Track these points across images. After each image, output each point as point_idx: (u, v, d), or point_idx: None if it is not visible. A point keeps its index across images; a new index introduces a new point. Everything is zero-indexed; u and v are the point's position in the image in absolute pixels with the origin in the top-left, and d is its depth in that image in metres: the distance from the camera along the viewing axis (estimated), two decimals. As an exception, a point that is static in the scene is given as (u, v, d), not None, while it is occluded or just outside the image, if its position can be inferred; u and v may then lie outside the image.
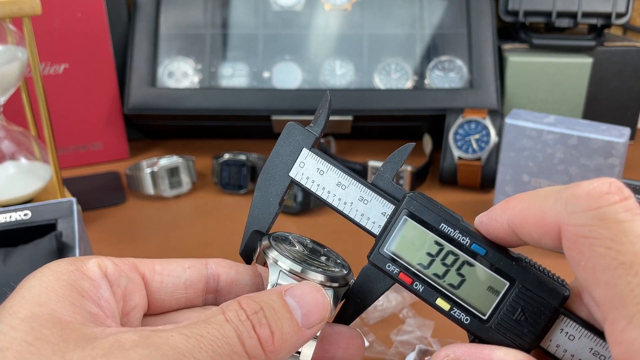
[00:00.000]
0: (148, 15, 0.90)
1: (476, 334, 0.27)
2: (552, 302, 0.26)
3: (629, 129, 0.62)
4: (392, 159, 0.30)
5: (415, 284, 0.28)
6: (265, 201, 0.31)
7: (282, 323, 0.24)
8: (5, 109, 0.69)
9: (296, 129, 0.31)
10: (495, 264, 0.27)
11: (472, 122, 0.79)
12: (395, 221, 0.28)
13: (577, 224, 0.22)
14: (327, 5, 0.91)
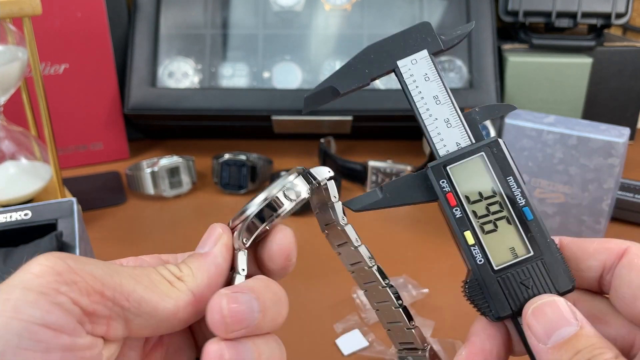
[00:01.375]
0: (148, 15, 0.90)
1: (480, 276, 0.28)
2: (558, 287, 0.27)
3: (628, 129, 0.62)
4: (491, 108, 0.30)
5: (456, 209, 0.29)
6: (360, 70, 0.30)
7: (185, 261, 0.28)
8: (6, 109, 0.69)
9: (429, 29, 0.30)
10: (533, 233, 0.28)
11: (472, 122, 0.79)
12: (471, 152, 0.29)
13: None
14: (327, 5, 0.91)
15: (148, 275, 0.26)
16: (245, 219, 0.28)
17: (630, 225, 0.71)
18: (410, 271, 0.59)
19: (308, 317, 0.55)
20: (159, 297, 0.26)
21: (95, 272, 0.25)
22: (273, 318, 0.27)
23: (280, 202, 0.28)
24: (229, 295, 0.25)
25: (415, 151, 0.90)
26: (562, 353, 0.25)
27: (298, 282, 0.59)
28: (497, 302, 0.28)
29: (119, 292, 0.25)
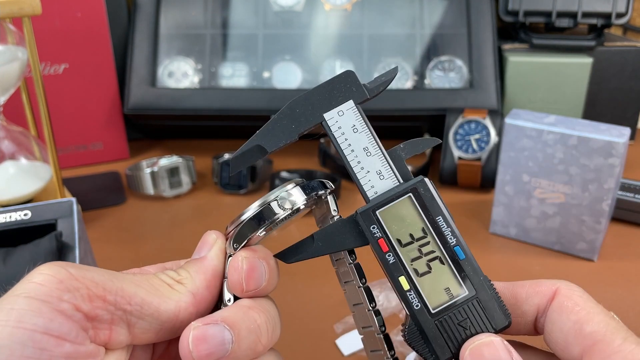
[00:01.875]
0: (148, 15, 0.90)
1: (418, 322, 0.28)
2: (494, 325, 0.28)
3: (629, 129, 0.62)
4: (415, 144, 0.31)
5: (389, 255, 0.28)
6: (286, 126, 0.29)
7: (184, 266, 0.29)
8: (5, 109, 0.69)
9: (353, 79, 0.30)
10: (466, 272, 0.28)
11: (472, 122, 0.79)
12: (398, 194, 0.29)
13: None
14: (327, 5, 0.91)
15: (148, 280, 0.27)
16: (238, 225, 0.28)
17: (630, 225, 0.71)
18: (410, 271, 0.59)
19: (308, 317, 0.55)
20: (160, 299, 0.26)
21: (96, 278, 0.25)
22: (250, 346, 0.27)
23: (273, 211, 0.28)
24: (198, 327, 0.26)
25: (415, 151, 0.90)
26: None
27: (298, 282, 0.59)
28: (437, 347, 0.28)
29: (121, 296, 0.25)
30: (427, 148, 0.31)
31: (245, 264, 0.28)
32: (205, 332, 0.26)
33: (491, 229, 0.69)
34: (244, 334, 0.26)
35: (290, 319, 0.54)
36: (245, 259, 0.28)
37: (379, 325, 0.29)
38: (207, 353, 0.25)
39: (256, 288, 0.28)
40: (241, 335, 0.26)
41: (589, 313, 0.26)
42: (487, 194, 0.79)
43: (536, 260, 0.64)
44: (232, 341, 0.26)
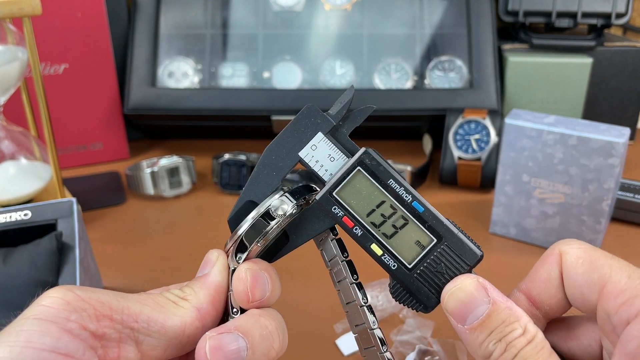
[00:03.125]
0: (148, 15, 0.90)
1: (399, 280, 0.30)
2: (468, 262, 0.29)
3: (628, 129, 0.62)
4: (353, 117, 0.32)
5: (355, 228, 0.30)
6: (268, 174, 0.31)
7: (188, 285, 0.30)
8: (5, 109, 0.69)
9: (316, 112, 0.31)
10: (429, 222, 0.29)
11: (472, 122, 0.79)
12: (348, 171, 0.30)
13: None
14: (327, 5, 0.91)
15: (153, 299, 0.28)
16: (237, 239, 0.29)
17: (630, 225, 0.71)
18: (410, 271, 0.59)
19: (308, 317, 0.55)
20: (166, 316, 0.27)
21: (102, 298, 0.26)
22: (264, 352, 0.28)
23: (268, 220, 0.29)
24: (214, 337, 0.27)
25: (415, 151, 0.90)
26: (478, 334, 0.27)
27: (298, 282, 0.59)
28: (423, 297, 0.29)
29: (127, 315, 0.26)
30: (364, 118, 0.32)
31: (249, 275, 0.29)
32: (220, 341, 0.27)
33: (491, 229, 0.69)
34: (258, 340, 0.27)
35: (290, 319, 0.54)
36: (249, 270, 0.29)
37: (371, 321, 0.30)
38: (227, 359, 0.26)
39: (261, 298, 0.29)
40: (255, 342, 0.27)
41: (592, 262, 0.27)
42: (487, 194, 0.79)
43: (536, 260, 0.64)
44: (246, 348, 0.27)
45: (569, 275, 0.28)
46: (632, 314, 0.25)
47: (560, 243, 0.29)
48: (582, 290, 0.27)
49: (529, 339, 0.26)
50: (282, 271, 0.65)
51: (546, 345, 0.26)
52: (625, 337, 0.25)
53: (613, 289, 0.26)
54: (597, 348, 0.29)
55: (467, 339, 0.27)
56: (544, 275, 0.29)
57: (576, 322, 0.30)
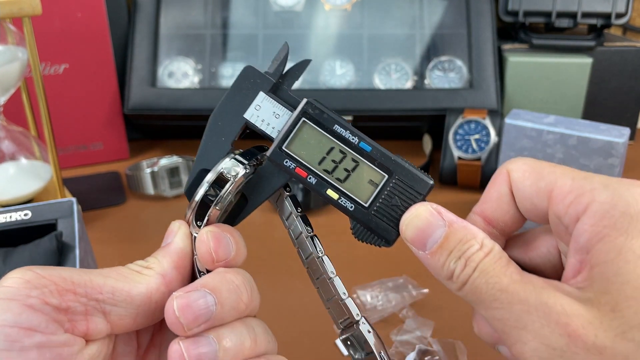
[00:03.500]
0: (148, 15, 0.90)
1: (358, 219, 0.30)
2: (420, 192, 0.30)
3: (628, 129, 0.62)
4: (291, 73, 0.32)
5: (309, 178, 0.31)
6: (217, 141, 0.31)
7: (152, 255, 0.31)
8: (5, 109, 0.69)
9: (254, 72, 0.32)
10: (378, 159, 0.30)
11: (472, 122, 0.79)
12: (293, 123, 0.31)
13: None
14: (327, 5, 0.91)
15: (116, 270, 0.29)
16: (194, 207, 0.30)
17: (630, 225, 0.71)
18: (410, 271, 0.59)
19: (308, 317, 0.55)
20: (131, 285, 0.28)
21: (64, 274, 0.26)
22: (233, 306, 0.28)
23: (221, 184, 0.29)
24: (181, 295, 0.27)
25: (415, 151, 0.90)
26: (439, 257, 0.28)
27: (298, 282, 0.59)
28: (383, 232, 0.30)
29: (90, 287, 0.26)
30: (302, 72, 0.33)
31: (211, 236, 0.29)
32: (188, 299, 0.27)
33: (491, 229, 0.69)
34: (225, 294, 0.28)
35: (291, 319, 0.54)
36: (210, 232, 0.29)
37: (329, 271, 0.31)
38: (194, 317, 0.27)
39: (226, 258, 0.29)
40: (223, 297, 0.28)
41: (537, 172, 0.29)
42: (487, 194, 0.79)
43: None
44: (215, 303, 0.27)
45: (518, 189, 0.29)
46: (581, 211, 0.26)
47: (507, 163, 0.30)
48: (532, 200, 0.29)
49: (486, 252, 0.27)
50: (283, 271, 0.66)
51: (504, 255, 0.27)
52: (576, 233, 0.26)
53: (560, 192, 0.27)
54: (556, 254, 0.30)
55: (430, 263, 0.29)
56: (495, 195, 0.30)
57: (533, 234, 0.32)
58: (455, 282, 0.28)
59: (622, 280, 0.24)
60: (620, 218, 0.25)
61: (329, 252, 0.33)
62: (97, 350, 0.27)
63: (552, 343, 0.24)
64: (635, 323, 0.23)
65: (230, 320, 0.28)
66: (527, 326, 0.25)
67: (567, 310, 0.24)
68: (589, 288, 0.25)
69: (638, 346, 0.23)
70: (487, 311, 0.26)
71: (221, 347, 0.27)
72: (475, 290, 0.27)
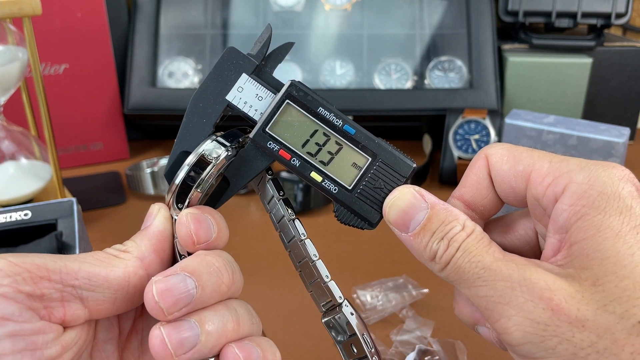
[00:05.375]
0: (148, 15, 0.90)
1: (342, 201, 0.30)
2: (403, 174, 0.30)
3: (628, 129, 0.62)
4: (274, 55, 0.32)
5: (293, 160, 0.30)
6: (198, 122, 0.31)
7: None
8: (6, 109, 0.69)
9: (237, 53, 0.31)
10: (361, 142, 0.31)
11: (472, 122, 0.79)
12: (277, 105, 0.30)
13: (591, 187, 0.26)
14: (327, 6, 0.91)
15: (93, 255, 0.28)
16: (174, 190, 0.29)
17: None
18: (410, 271, 0.59)
19: (308, 317, 0.55)
20: (108, 269, 0.27)
21: (37, 261, 0.26)
22: (214, 288, 0.28)
23: (203, 166, 0.29)
24: (160, 280, 0.27)
25: (415, 151, 0.90)
26: (421, 238, 0.28)
27: (298, 282, 0.59)
28: (366, 215, 0.30)
29: (65, 273, 0.26)
30: (285, 54, 0.32)
31: (191, 218, 0.29)
32: (167, 283, 0.27)
33: (491, 229, 0.69)
34: (206, 277, 0.28)
35: (291, 319, 0.54)
36: (190, 214, 0.29)
37: (323, 274, 0.31)
38: (174, 301, 0.26)
39: (207, 240, 0.29)
40: (203, 280, 0.27)
41: (515, 156, 0.29)
42: (487, 194, 0.79)
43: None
44: (195, 286, 0.27)
45: (496, 173, 0.30)
46: (559, 192, 0.27)
47: (485, 148, 0.31)
48: (510, 184, 0.29)
49: (468, 233, 0.27)
50: (283, 271, 0.66)
51: (485, 236, 0.28)
52: (555, 214, 0.27)
53: (538, 175, 0.28)
54: (533, 236, 0.31)
55: (413, 245, 0.29)
56: (473, 179, 0.31)
57: (511, 217, 0.32)
58: (438, 263, 0.28)
59: (602, 256, 0.25)
60: (598, 197, 0.26)
61: (328, 253, 0.33)
62: (75, 336, 0.27)
63: (536, 317, 0.25)
64: (615, 296, 0.24)
65: (212, 303, 0.28)
66: (511, 302, 0.25)
67: (550, 285, 0.25)
68: (569, 265, 0.26)
69: (619, 318, 0.24)
70: (470, 289, 0.27)
71: (203, 330, 0.27)
72: (459, 270, 0.27)
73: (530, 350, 0.25)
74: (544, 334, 0.24)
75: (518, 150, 0.29)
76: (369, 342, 0.31)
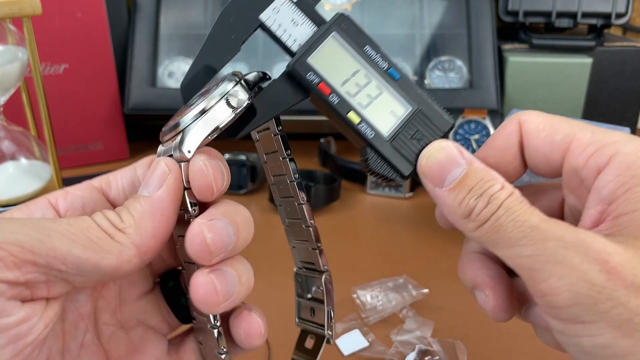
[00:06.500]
0: (148, 15, 0.90)
1: (376, 148, 0.29)
2: (441, 129, 0.30)
3: (628, 129, 0.62)
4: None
5: (332, 96, 0.29)
6: (227, 38, 0.28)
7: (127, 206, 0.27)
8: (5, 109, 0.69)
9: None
10: (403, 90, 0.29)
11: (472, 122, 0.79)
12: (322, 36, 0.29)
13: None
14: (327, 6, 0.91)
15: (85, 232, 0.25)
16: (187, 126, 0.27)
17: (630, 225, 0.71)
18: (410, 271, 0.59)
19: (308, 317, 0.55)
20: (99, 255, 0.25)
21: (23, 240, 0.23)
22: (245, 238, 0.28)
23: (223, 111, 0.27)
24: (207, 224, 0.26)
25: (415, 151, 0.90)
26: (457, 193, 0.27)
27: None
28: (400, 165, 0.29)
29: (53, 257, 0.24)
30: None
31: (210, 167, 0.27)
32: (214, 226, 0.26)
33: (491, 229, 0.69)
34: (241, 226, 0.27)
35: (291, 319, 0.54)
36: (209, 162, 0.27)
37: (308, 218, 0.31)
38: (221, 245, 0.26)
39: (222, 187, 0.28)
40: (239, 228, 0.27)
41: (553, 125, 0.28)
42: (487, 194, 0.79)
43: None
44: (234, 234, 0.27)
45: (530, 141, 0.29)
46: (603, 162, 0.26)
47: (519, 114, 0.30)
48: (545, 153, 0.28)
49: (509, 193, 0.26)
50: (282, 271, 0.65)
51: (525, 199, 0.27)
52: (598, 185, 0.26)
53: (579, 145, 0.27)
54: (558, 207, 0.31)
55: (446, 201, 0.27)
56: (502, 144, 0.30)
57: (536, 187, 0.32)
58: (473, 221, 0.26)
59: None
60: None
61: (329, 252, 0.33)
62: (58, 308, 0.25)
63: (592, 278, 0.24)
64: None
65: (237, 253, 0.28)
66: (564, 261, 0.24)
67: (606, 248, 0.24)
68: (617, 234, 0.25)
69: None
70: (512, 249, 0.25)
71: (239, 281, 0.27)
72: (499, 228, 0.26)
73: (578, 313, 0.24)
74: (599, 296, 0.24)
75: (555, 119, 0.29)
76: (332, 317, 0.31)
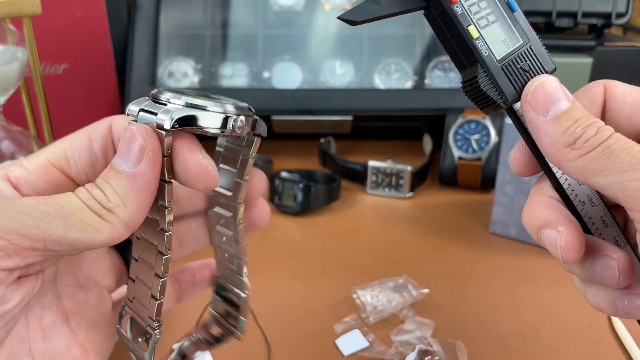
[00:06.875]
0: (148, 15, 0.90)
1: (488, 67, 0.30)
2: (547, 68, 0.31)
3: (629, 129, 0.62)
4: None
5: (457, 6, 0.30)
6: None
7: (109, 180, 0.27)
8: (5, 109, 0.69)
9: None
10: (519, 23, 0.30)
11: (472, 122, 0.79)
12: None
13: None
14: (327, 5, 0.91)
15: (77, 214, 0.26)
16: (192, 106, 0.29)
17: (630, 225, 0.71)
18: (410, 271, 0.59)
19: (308, 317, 0.55)
20: (91, 235, 0.26)
21: (19, 228, 0.24)
22: None
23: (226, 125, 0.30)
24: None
25: (415, 151, 0.90)
26: (562, 122, 0.28)
27: (298, 282, 0.59)
28: (506, 89, 0.30)
29: (50, 242, 0.25)
30: None
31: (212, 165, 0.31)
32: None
33: (491, 229, 0.69)
34: None
35: (291, 319, 0.54)
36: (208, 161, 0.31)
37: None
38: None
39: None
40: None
41: (639, 92, 0.30)
42: (487, 194, 0.79)
43: (536, 261, 0.64)
44: None
45: (616, 103, 0.30)
46: None
47: (600, 81, 0.31)
48: (629, 115, 0.30)
49: (613, 130, 0.27)
50: (282, 271, 0.65)
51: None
52: None
53: None
54: None
55: (548, 129, 0.28)
56: (585, 104, 0.30)
57: None
58: (578, 149, 0.27)
59: None
60: None
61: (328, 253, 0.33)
62: (43, 276, 0.28)
63: None
64: None
65: None
66: None
67: None
68: None
69: None
70: (622, 174, 0.25)
71: None
72: (610, 155, 0.26)
73: None
74: None
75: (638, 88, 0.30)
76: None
